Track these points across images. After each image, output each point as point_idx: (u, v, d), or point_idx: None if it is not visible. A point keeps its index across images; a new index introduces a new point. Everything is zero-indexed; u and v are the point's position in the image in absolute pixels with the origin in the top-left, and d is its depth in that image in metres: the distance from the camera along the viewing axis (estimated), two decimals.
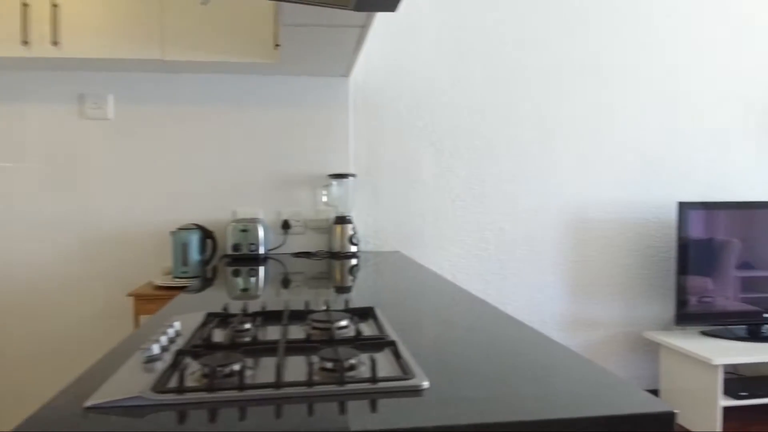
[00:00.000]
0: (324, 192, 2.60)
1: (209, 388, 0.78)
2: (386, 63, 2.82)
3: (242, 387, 0.79)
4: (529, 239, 3.00)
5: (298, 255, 2.50)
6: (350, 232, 2.54)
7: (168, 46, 2.33)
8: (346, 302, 1.33)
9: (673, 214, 3.09)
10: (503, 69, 2.95)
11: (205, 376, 0.84)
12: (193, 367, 0.90)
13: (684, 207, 2.84)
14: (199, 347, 0.99)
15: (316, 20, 1.86)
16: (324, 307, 1.29)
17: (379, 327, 1.14)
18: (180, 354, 0.94)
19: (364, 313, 1.28)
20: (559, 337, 3.04)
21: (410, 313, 1.32)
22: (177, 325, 1.12)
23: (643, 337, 3.08)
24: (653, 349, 3.10)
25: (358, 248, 2.57)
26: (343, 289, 1.69)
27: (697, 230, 2.85)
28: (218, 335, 1.12)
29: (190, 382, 0.83)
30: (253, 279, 1.89)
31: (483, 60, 2.93)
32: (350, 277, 1.94)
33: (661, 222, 3.11)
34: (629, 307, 3.10)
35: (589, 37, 3.01)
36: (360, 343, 1.02)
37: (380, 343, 1.03)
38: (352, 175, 2.58)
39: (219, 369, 0.84)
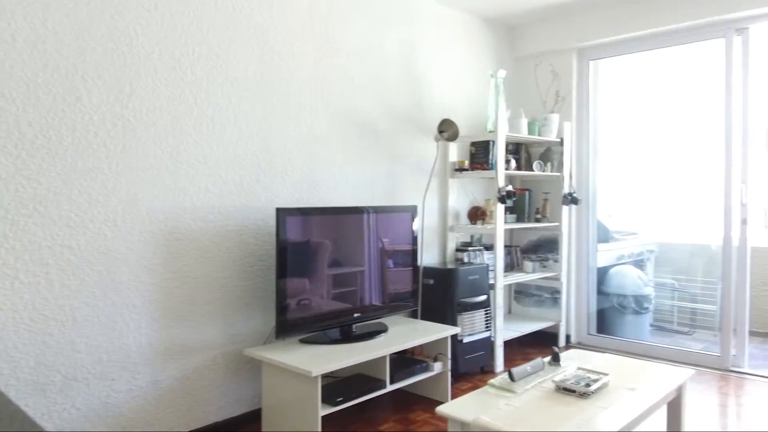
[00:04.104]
0: None
1: None
2: None
3: None
4: (107, 257, 2.38)
5: None
6: None
7: None
8: None
9: (271, 221, 2.93)
10: (70, 36, 2.24)
11: None
12: None
13: (282, 213, 2.70)
14: None
15: None
16: None
17: None
18: None
19: None
20: (148, 371, 2.51)
21: None
22: None
23: (244, 355, 2.82)
24: (256, 366, 2.88)
25: None
26: None
27: (294, 235, 2.75)
28: None
29: None
30: None
31: (51, 20, 2.16)
32: None
33: (260, 229, 2.91)
34: (229, 324, 2.80)
35: (174, 19, 2.58)
36: None
37: None
38: None
39: None
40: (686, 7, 3.66)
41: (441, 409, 2.11)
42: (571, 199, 4.18)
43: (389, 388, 2.84)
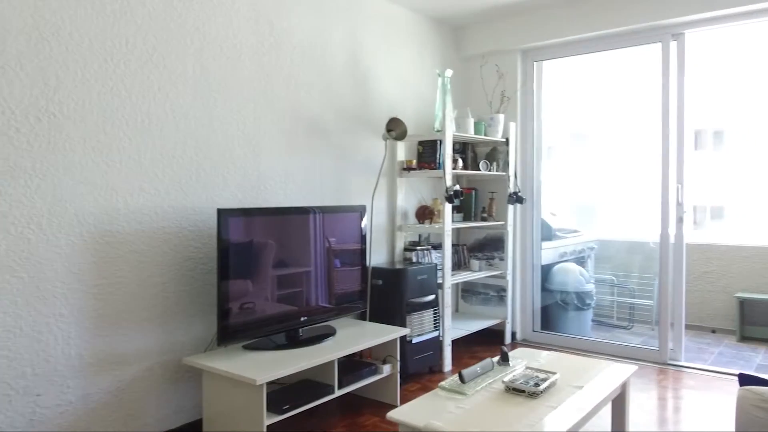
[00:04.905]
0: None
1: None
2: None
3: None
4: (30, 262, 2.20)
5: None
6: None
7: None
8: None
9: (212, 222, 2.80)
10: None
11: None
12: None
13: (223, 214, 2.57)
14: None
15: None
16: None
17: None
18: None
19: None
20: (79, 384, 2.34)
21: None
22: None
23: (183, 364, 2.68)
24: (196, 375, 2.75)
25: None
26: None
27: (237, 236, 2.63)
28: None
29: None
30: None
31: None
32: None
33: (200, 231, 2.77)
34: (167, 331, 2.65)
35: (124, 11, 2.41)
36: None
37: None
38: None
39: None
40: (625, 12, 3.76)
41: (392, 415, 2.06)
42: (516, 198, 4.22)
43: (338, 393, 2.77)
